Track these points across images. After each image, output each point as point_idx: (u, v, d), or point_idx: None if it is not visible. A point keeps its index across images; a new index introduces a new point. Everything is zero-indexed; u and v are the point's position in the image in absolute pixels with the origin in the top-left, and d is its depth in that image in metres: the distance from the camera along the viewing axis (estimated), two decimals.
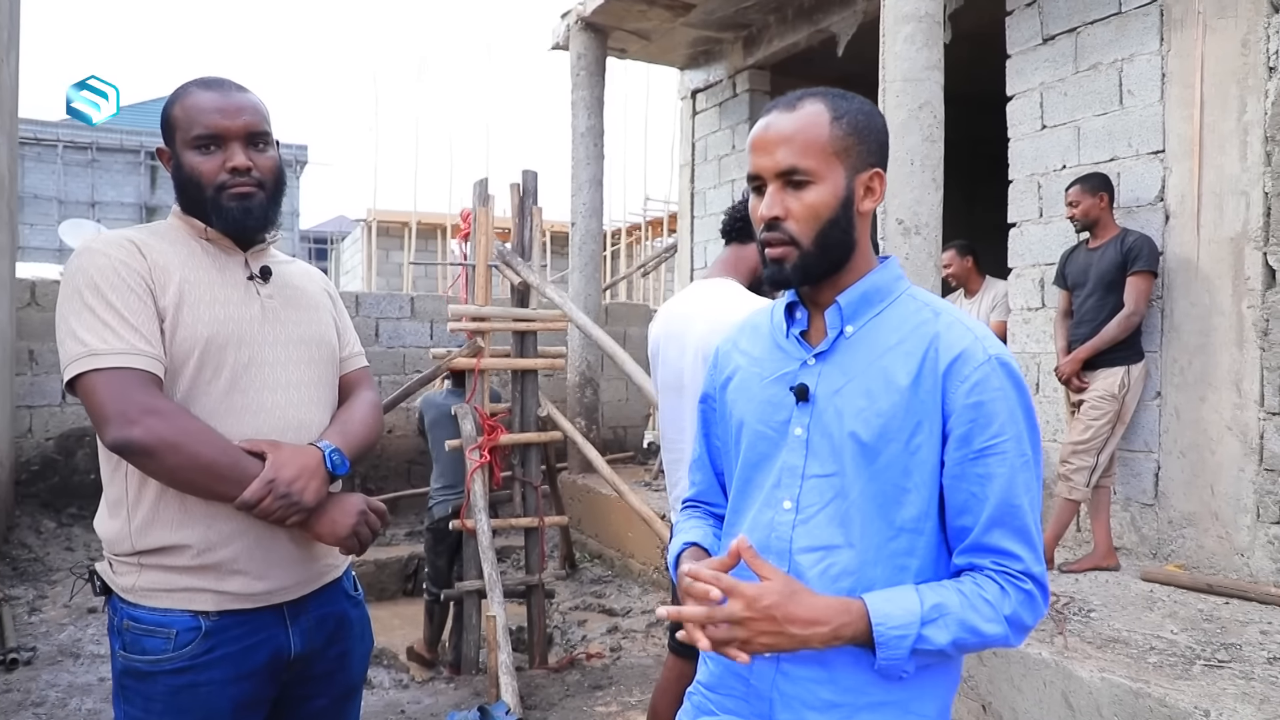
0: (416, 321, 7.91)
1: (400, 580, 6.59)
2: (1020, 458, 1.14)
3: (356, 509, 1.51)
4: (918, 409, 1.15)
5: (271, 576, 1.48)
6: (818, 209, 1.17)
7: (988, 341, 1.17)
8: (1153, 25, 4.01)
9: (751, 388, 1.29)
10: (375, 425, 1.65)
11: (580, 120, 7.16)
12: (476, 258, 4.63)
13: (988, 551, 1.14)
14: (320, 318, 1.65)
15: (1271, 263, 3.57)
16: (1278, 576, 3.56)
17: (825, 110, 1.19)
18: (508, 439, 4.54)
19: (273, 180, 1.52)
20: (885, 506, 1.16)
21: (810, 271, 1.19)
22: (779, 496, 1.22)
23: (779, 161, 1.17)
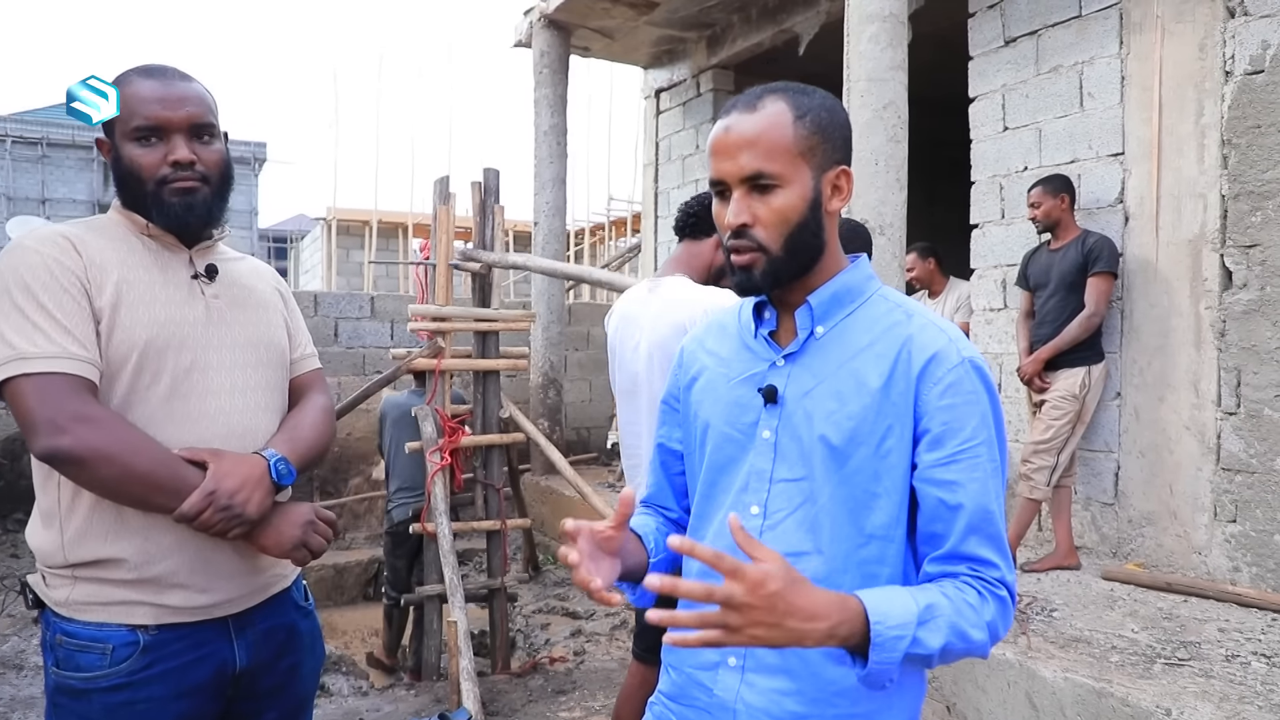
0: (377, 321, 7.78)
1: (360, 584, 6.48)
2: (992, 463, 1.12)
3: (303, 519, 1.44)
4: (889, 412, 1.12)
5: (214, 589, 1.41)
6: (786, 214, 1.13)
7: (961, 344, 1.15)
8: (1112, 28, 4.05)
9: (718, 389, 1.26)
10: (326, 431, 1.58)
11: (543, 118, 7.08)
12: (437, 256, 4.55)
13: (964, 560, 1.11)
14: (269, 318, 1.57)
15: (1228, 264, 3.61)
16: (1234, 574, 3.60)
17: (788, 109, 1.14)
18: (469, 441, 4.46)
19: (218, 175, 1.45)
20: (855, 512, 1.13)
21: (780, 277, 1.15)
22: (746, 501, 1.19)
23: (743, 166, 1.12)
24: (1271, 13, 3.48)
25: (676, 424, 1.36)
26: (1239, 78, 3.58)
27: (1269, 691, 2.64)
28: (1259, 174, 3.51)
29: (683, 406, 1.34)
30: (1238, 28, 3.59)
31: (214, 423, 1.42)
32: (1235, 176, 3.59)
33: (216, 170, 1.44)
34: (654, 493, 1.41)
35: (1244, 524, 3.57)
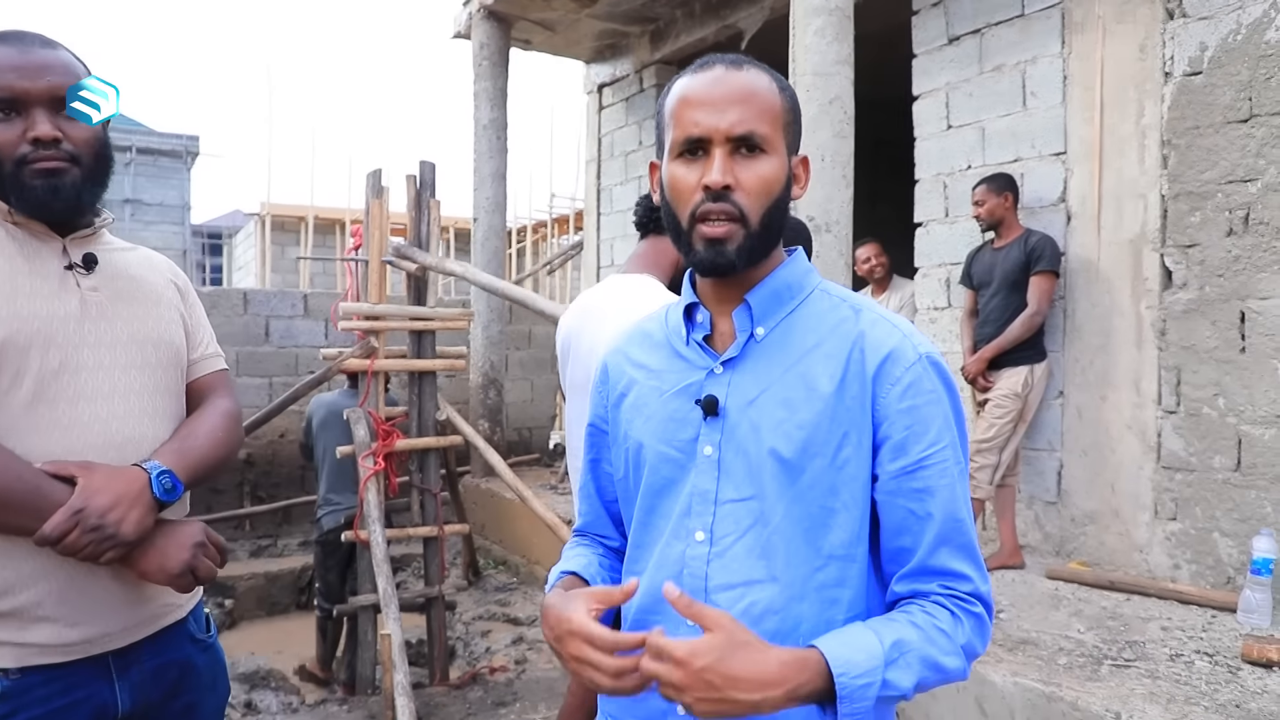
0: (310, 320, 7.51)
1: (293, 593, 6.24)
2: (958, 466, 1.03)
3: (191, 540, 1.28)
4: (844, 418, 1.02)
5: (89, 623, 1.24)
6: (770, 183, 1.02)
7: (916, 339, 1.05)
8: (1054, 28, 4.05)
9: (650, 404, 1.13)
10: (227, 439, 1.41)
11: (483, 112, 6.91)
12: (370, 252, 4.36)
13: (935, 574, 1.01)
14: (161, 313, 1.40)
15: (1168, 264, 3.63)
16: (1174, 572, 3.62)
17: (769, 79, 1.05)
18: (404, 444, 4.29)
19: (91, 154, 1.28)
20: (811, 532, 1.02)
21: (754, 255, 1.04)
22: (689, 526, 1.07)
23: (734, 124, 1.00)
24: (1209, 15, 3.50)
25: (607, 446, 1.23)
26: (1178, 79, 3.60)
27: (1214, 691, 2.63)
28: (1197, 175, 3.53)
29: (611, 427, 1.21)
30: (1177, 29, 3.61)
31: (87, 431, 1.26)
32: (1175, 177, 3.61)
33: (88, 149, 1.27)
34: (590, 520, 1.29)
35: (1184, 522, 3.60)
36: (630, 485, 1.17)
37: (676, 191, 1.05)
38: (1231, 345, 3.44)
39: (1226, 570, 3.46)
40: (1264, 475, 3.35)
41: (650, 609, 1.09)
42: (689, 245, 1.04)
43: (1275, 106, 3.31)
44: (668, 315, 1.19)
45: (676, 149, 1.04)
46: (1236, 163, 3.41)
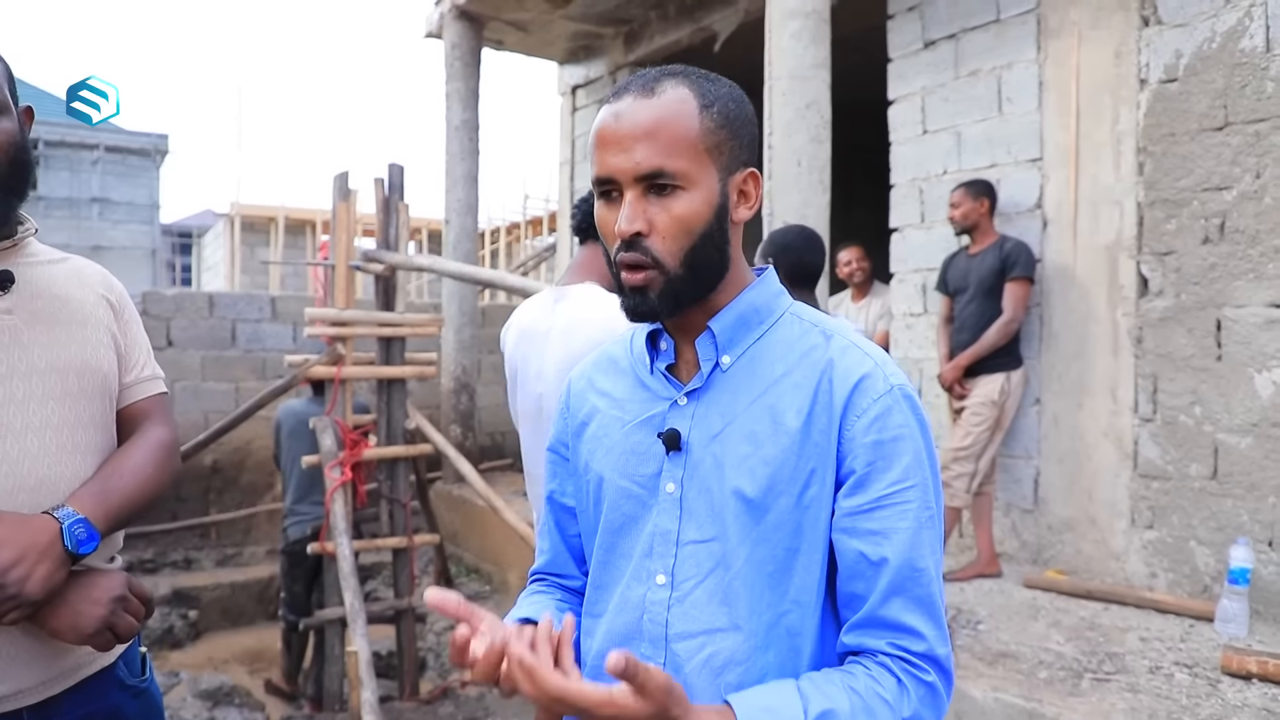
0: (279, 324, 7.37)
1: (260, 603, 6.11)
2: (925, 510, 0.94)
3: (109, 595, 1.16)
4: (811, 454, 0.94)
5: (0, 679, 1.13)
6: (688, 222, 0.94)
7: (889, 368, 0.97)
8: (1030, 34, 4.03)
9: (612, 435, 1.06)
10: (157, 476, 1.28)
11: (455, 113, 6.81)
12: (336, 256, 4.26)
13: (884, 628, 0.92)
14: (87, 336, 1.27)
15: (1144, 271, 3.62)
16: (1151, 580, 3.61)
17: (691, 95, 0.95)
18: (372, 454, 4.19)
19: (7, 161, 1.16)
20: (776, 576, 0.95)
21: (680, 300, 0.96)
22: (651, 569, 0.99)
23: (639, 163, 0.92)
24: (1184, 22, 3.49)
25: (568, 476, 1.15)
26: (1154, 86, 3.58)
27: (1195, 705, 2.60)
28: (1173, 182, 3.52)
29: (572, 456, 1.13)
30: (1152, 36, 3.59)
31: None
32: (1151, 184, 3.59)
33: (3, 155, 1.15)
34: (550, 560, 1.19)
35: (1160, 530, 3.58)
36: (591, 520, 1.10)
37: (603, 233, 0.98)
38: (1208, 353, 3.42)
39: (1203, 579, 3.45)
40: (1240, 484, 3.33)
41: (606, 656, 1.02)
42: (619, 288, 0.98)
43: (1250, 115, 3.30)
44: (632, 341, 1.12)
45: (595, 189, 0.98)
46: (1212, 170, 3.40)
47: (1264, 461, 3.27)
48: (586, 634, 1.08)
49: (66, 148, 18.17)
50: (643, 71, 0.99)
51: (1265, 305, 3.26)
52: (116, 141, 20.20)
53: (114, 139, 20.26)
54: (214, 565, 6.43)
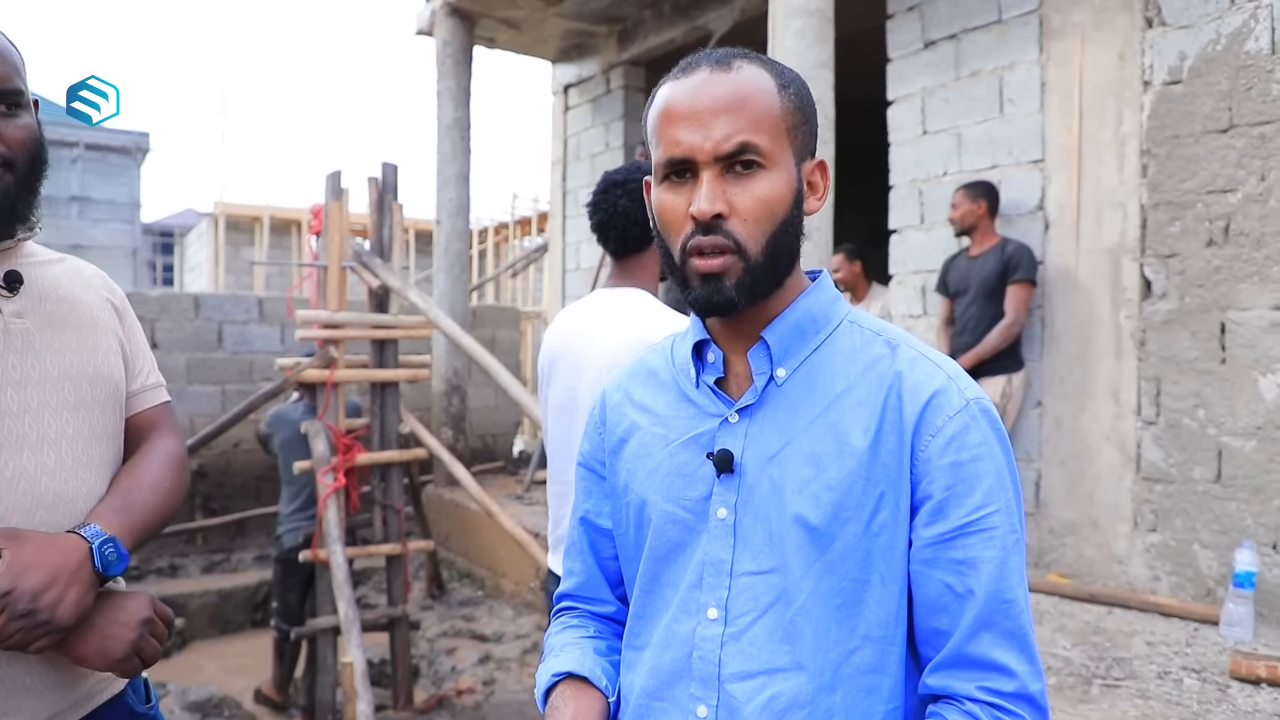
0: (266, 325, 7.26)
1: (248, 611, 6.01)
2: (1011, 535, 0.87)
3: (137, 618, 1.10)
4: (879, 476, 0.87)
5: (12, 711, 1.07)
6: (772, 204, 0.87)
7: (962, 381, 0.90)
8: (1032, 34, 4.00)
9: (654, 454, 0.98)
10: (174, 490, 1.23)
11: (446, 112, 6.73)
12: (329, 258, 4.18)
13: (973, 667, 0.85)
14: (97, 341, 1.21)
15: (1148, 274, 3.60)
16: (1154, 584, 3.59)
17: (768, 75, 0.89)
18: (366, 459, 4.12)
19: (25, 157, 1.10)
20: (844, 610, 0.87)
21: (757, 291, 0.89)
22: (701, 601, 0.92)
23: (721, 139, 0.85)
24: (1189, 24, 3.47)
25: (604, 495, 1.08)
26: (1158, 88, 3.56)
27: (1206, 712, 2.58)
28: (1177, 184, 3.50)
29: (610, 475, 1.05)
30: (1156, 38, 3.57)
31: (11, 489, 1.07)
32: (1154, 186, 3.57)
33: (22, 151, 1.10)
34: (581, 582, 1.12)
35: (1164, 533, 3.56)
36: (631, 544, 1.02)
37: (665, 222, 0.90)
38: (1212, 356, 3.41)
39: (1206, 582, 3.43)
40: (1244, 487, 3.32)
41: (655, 693, 0.95)
42: (683, 281, 0.90)
43: (1255, 117, 3.28)
44: (673, 351, 1.04)
45: (660, 172, 0.90)
46: (1216, 173, 3.38)
47: (1268, 465, 3.25)
48: (628, 667, 1.01)
49: None
50: (707, 51, 0.93)
51: (1270, 308, 3.25)
52: (96, 139, 19.94)
53: (94, 136, 19.99)
54: (201, 572, 6.32)
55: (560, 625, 1.12)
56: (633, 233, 1.93)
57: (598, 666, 1.02)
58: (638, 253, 1.97)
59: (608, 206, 1.94)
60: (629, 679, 1.00)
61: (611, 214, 1.93)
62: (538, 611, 5.26)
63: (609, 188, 1.95)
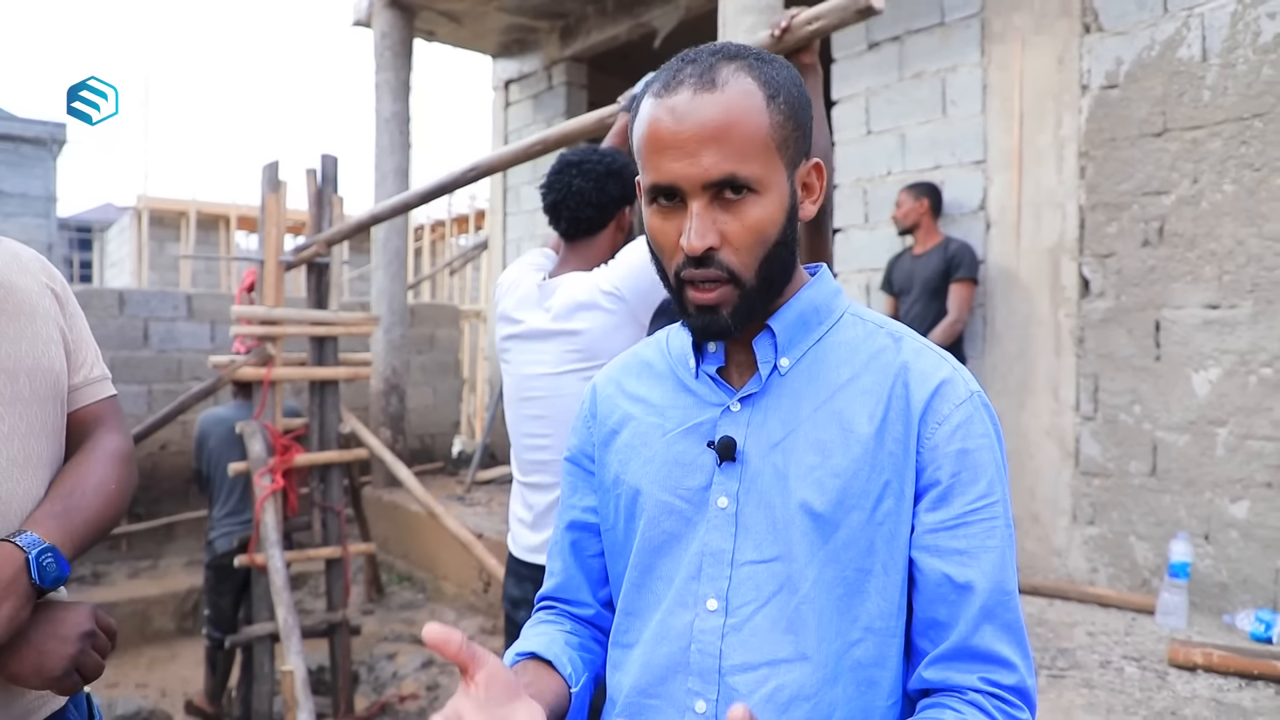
0: (195, 323, 7.00)
1: (177, 619, 5.77)
2: (1008, 529, 0.87)
3: (78, 631, 1.02)
4: (885, 464, 0.86)
5: None
6: (764, 230, 0.85)
7: (966, 374, 0.91)
8: (974, 38, 4.08)
9: (650, 444, 0.97)
10: (120, 493, 1.14)
11: (385, 105, 6.58)
12: (265, 252, 4.04)
13: (975, 659, 0.84)
14: (36, 331, 1.11)
15: (1086, 273, 3.69)
16: (1092, 575, 3.69)
17: (757, 86, 0.85)
18: (304, 459, 3.98)
19: None
20: (846, 600, 0.86)
21: (753, 314, 0.89)
22: (699, 593, 0.90)
23: (708, 169, 0.82)
24: (1125, 30, 3.57)
25: (590, 491, 1.05)
26: (1095, 92, 3.66)
27: (1148, 699, 2.65)
28: (1114, 186, 3.60)
29: (599, 469, 1.03)
30: (1094, 43, 3.67)
31: None
32: (1092, 188, 3.67)
33: None
34: (561, 583, 1.09)
35: (1101, 526, 3.66)
36: (620, 538, 1.00)
37: (658, 245, 0.89)
38: (1147, 353, 3.51)
39: (1142, 573, 3.54)
40: (1178, 480, 3.43)
41: (648, 690, 0.92)
42: (681, 306, 0.89)
43: (1188, 122, 3.39)
44: (669, 342, 1.02)
45: (649, 195, 0.88)
46: (1151, 175, 3.49)
47: (1200, 458, 3.36)
48: (615, 666, 0.98)
49: None
50: (690, 53, 0.89)
51: (1202, 306, 3.36)
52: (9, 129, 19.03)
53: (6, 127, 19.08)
54: (126, 579, 6.05)
55: (536, 619, 1.09)
56: (585, 214, 1.90)
57: (564, 654, 0.99)
58: (589, 236, 1.95)
59: (561, 186, 1.90)
60: (617, 678, 0.97)
61: (565, 194, 1.90)
62: (481, 614, 5.18)
63: (564, 168, 1.92)
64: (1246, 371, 3.25)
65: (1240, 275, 3.26)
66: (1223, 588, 3.30)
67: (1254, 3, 3.23)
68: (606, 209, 1.92)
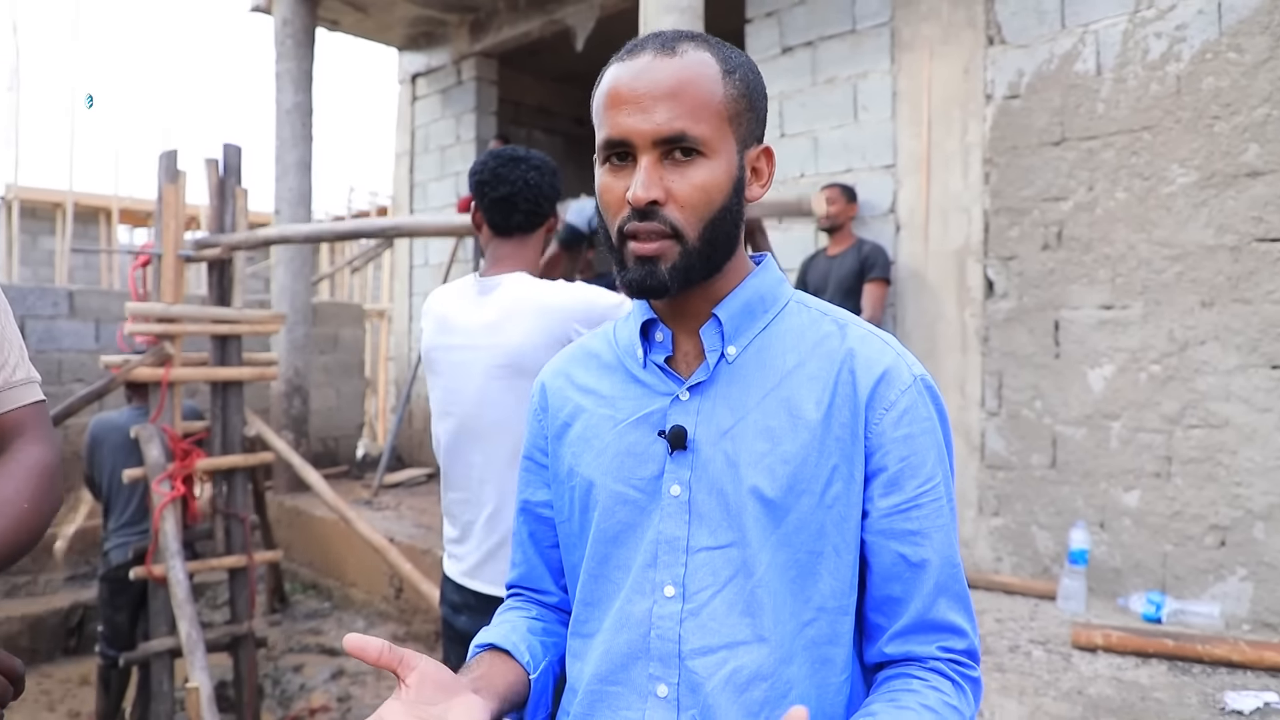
0: (77, 321, 6.58)
1: (61, 637, 5.41)
2: (950, 504, 0.93)
3: None
4: (833, 448, 0.90)
5: None
6: (710, 192, 0.88)
7: (909, 359, 0.95)
8: (884, 46, 4.20)
9: (602, 435, 0.98)
10: (34, 511, 1.03)
11: (286, 95, 6.33)
12: (163, 245, 3.83)
13: (933, 630, 0.90)
14: None
15: (990, 275, 3.85)
16: (998, 564, 3.85)
17: (714, 60, 0.90)
18: (207, 464, 3.80)
19: None
20: (800, 581, 0.89)
21: (691, 276, 0.90)
22: (656, 580, 0.92)
23: (660, 125, 0.86)
24: (1026, 44, 3.74)
25: (544, 483, 1.07)
26: (998, 101, 3.82)
27: (1056, 680, 2.78)
28: (1016, 191, 3.76)
29: (552, 462, 1.05)
30: (997, 55, 3.83)
31: None
32: (996, 193, 3.83)
33: None
34: (524, 573, 1.12)
35: (1005, 517, 3.82)
36: (576, 530, 1.01)
37: (605, 203, 0.92)
38: (1047, 351, 3.69)
39: (1043, 561, 3.71)
40: (1076, 471, 3.61)
41: (609, 677, 0.93)
42: (620, 261, 0.91)
43: (1083, 132, 3.58)
44: (616, 333, 1.04)
45: (602, 154, 0.91)
46: (1051, 182, 3.66)
47: (1096, 450, 3.55)
48: (576, 656, 0.99)
49: None
50: (658, 31, 0.93)
51: (1096, 307, 3.55)
52: None
53: None
54: (3, 596, 5.64)
55: (505, 607, 1.11)
56: (541, 208, 1.86)
57: (522, 642, 0.99)
58: (527, 233, 1.90)
59: (516, 179, 1.83)
60: (578, 667, 0.98)
61: (521, 185, 1.83)
62: (392, 620, 5.04)
63: (512, 160, 1.85)
64: (1137, 368, 3.45)
65: (1131, 278, 3.46)
66: (1117, 572, 3.50)
67: (1143, 22, 3.43)
68: (551, 202, 1.89)
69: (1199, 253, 3.31)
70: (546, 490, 1.07)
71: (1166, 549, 3.39)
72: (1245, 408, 3.21)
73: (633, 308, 1.02)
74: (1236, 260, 3.23)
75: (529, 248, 1.91)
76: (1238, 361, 3.23)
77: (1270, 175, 3.15)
